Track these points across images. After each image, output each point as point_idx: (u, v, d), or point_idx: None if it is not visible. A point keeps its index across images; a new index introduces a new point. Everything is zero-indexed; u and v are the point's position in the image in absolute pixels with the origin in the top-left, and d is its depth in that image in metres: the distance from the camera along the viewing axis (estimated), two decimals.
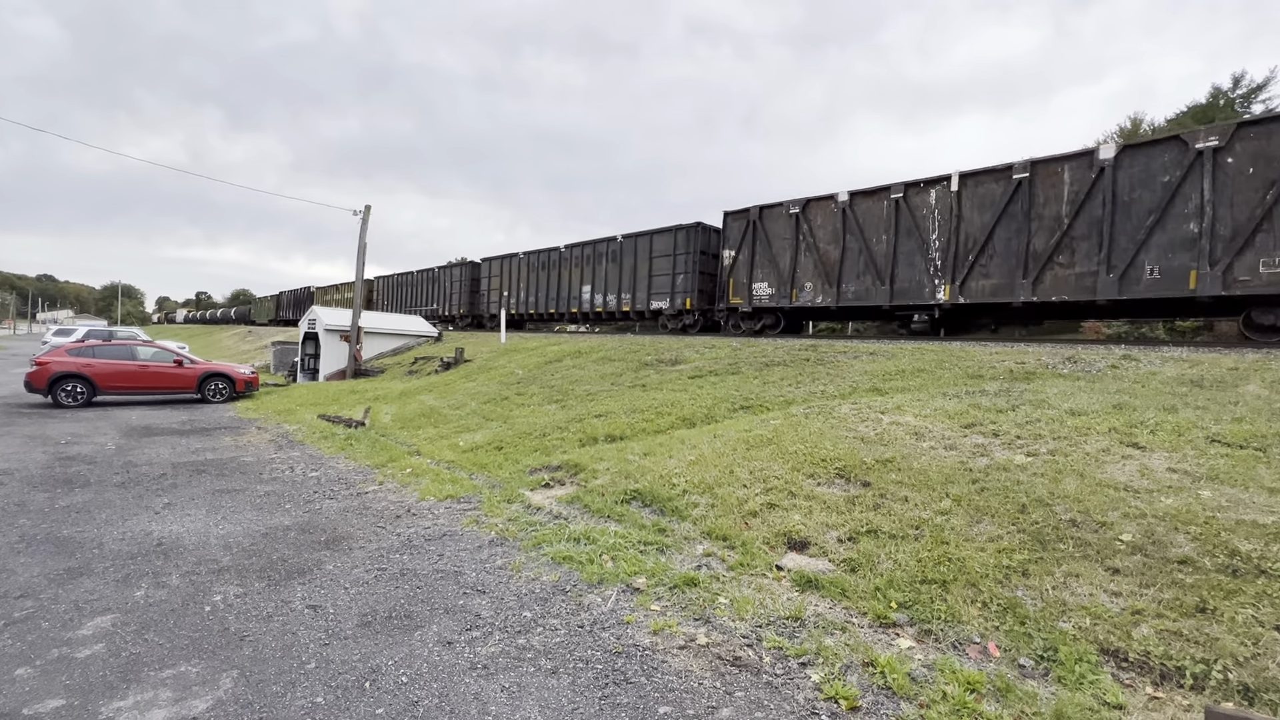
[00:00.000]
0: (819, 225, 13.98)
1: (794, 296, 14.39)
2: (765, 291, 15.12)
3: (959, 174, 11.68)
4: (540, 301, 23.61)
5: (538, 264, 23.87)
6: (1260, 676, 2.68)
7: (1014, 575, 3.59)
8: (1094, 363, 8.24)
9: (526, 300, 24.41)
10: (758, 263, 15.26)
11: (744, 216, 15.57)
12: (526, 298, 24.45)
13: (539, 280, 23.69)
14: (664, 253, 18.47)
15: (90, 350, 14.24)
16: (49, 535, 5.14)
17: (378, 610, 3.82)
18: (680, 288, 17.95)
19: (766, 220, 15.06)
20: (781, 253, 14.70)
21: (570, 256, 22.19)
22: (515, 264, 25.18)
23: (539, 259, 23.83)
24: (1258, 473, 4.20)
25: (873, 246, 13.00)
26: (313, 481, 7.19)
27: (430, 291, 32.23)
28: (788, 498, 4.98)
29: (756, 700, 2.87)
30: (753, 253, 15.31)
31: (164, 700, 2.89)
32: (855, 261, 13.32)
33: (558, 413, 9.72)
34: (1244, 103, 22.64)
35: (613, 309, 20.37)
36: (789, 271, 14.49)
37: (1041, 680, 2.91)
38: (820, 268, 13.89)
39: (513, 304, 25.11)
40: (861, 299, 13.22)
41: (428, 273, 32.97)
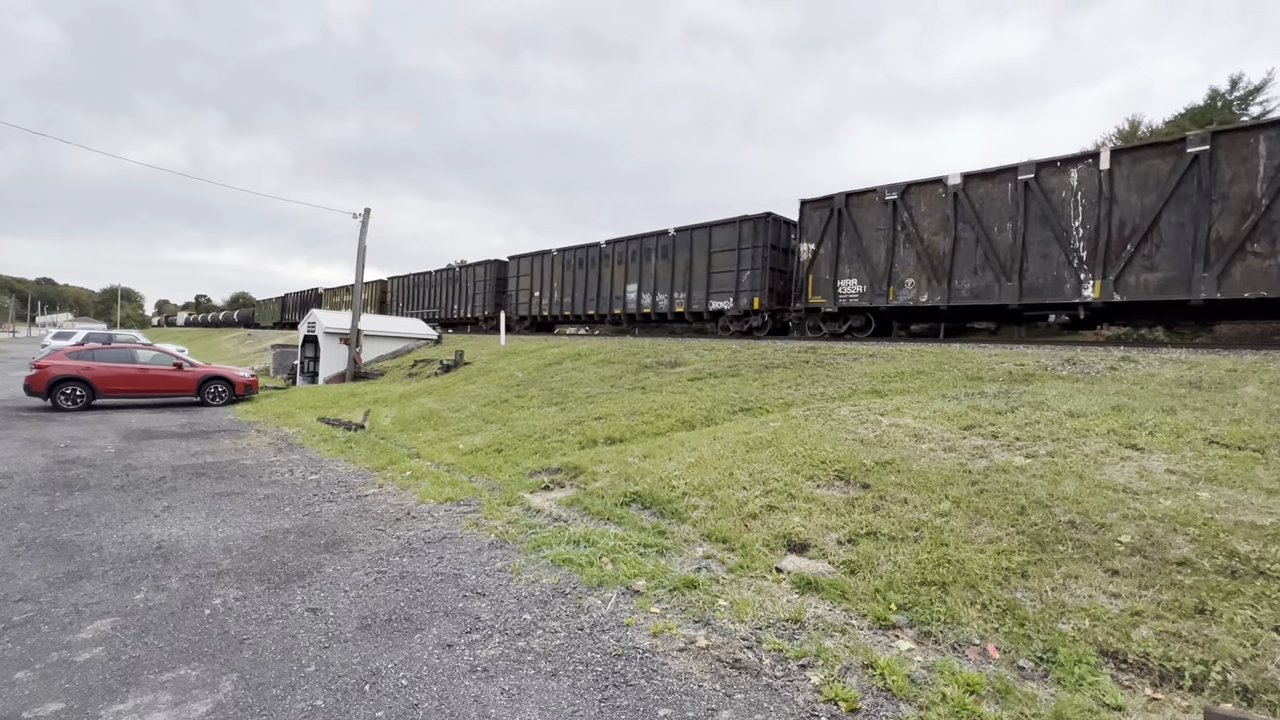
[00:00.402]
0: (922, 213, 12.29)
1: (890, 294, 12.68)
2: (853, 289, 13.35)
3: (1111, 150, 10.31)
4: (577, 302, 21.82)
5: (574, 261, 22.05)
6: (1259, 677, 2.69)
7: (1013, 577, 3.59)
8: (1093, 364, 8.26)
9: (561, 301, 22.57)
10: (844, 257, 13.48)
11: (827, 205, 13.86)
12: (561, 298, 22.59)
13: (575, 279, 21.91)
14: (726, 247, 16.55)
15: (89, 353, 14.25)
16: (48, 539, 5.14)
17: (377, 613, 3.82)
18: (746, 286, 16.03)
19: (855, 208, 13.34)
20: (874, 245, 12.95)
21: (613, 253, 20.37)
22: (548, 262, 23.38)
23: (575, 256, 22.02)
24: (1256, 474, 4.20)
25: (994, 236, 11.27)
26: (312, 484, 7.19)
27: (450, 292, 30.42)
28: (787, 500, 4.99)
29: (756, 702, 2.87)
30: (837, 246, 13.54)
31: (164, 704, 2.88)
32: (970, 254, 11.58)
33: (557, 415, 9.72)
34: (1241, 105, 22.71)
35: (663, 310, 18.52)
36: (884, 267, 12.79)
37: (1041, 682, 2.91)
38: (924, 262, 12.17)
39: (545, 305, 23.44)
40: (980, 297, 11.51)
41: (448, 272, 31.11)
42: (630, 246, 19.82)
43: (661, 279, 18.60)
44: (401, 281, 36.01)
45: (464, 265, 29.85)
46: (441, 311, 30.88)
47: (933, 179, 12.28)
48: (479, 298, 28.16)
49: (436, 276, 32.09)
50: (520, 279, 25.06)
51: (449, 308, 30.52)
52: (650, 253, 19.04)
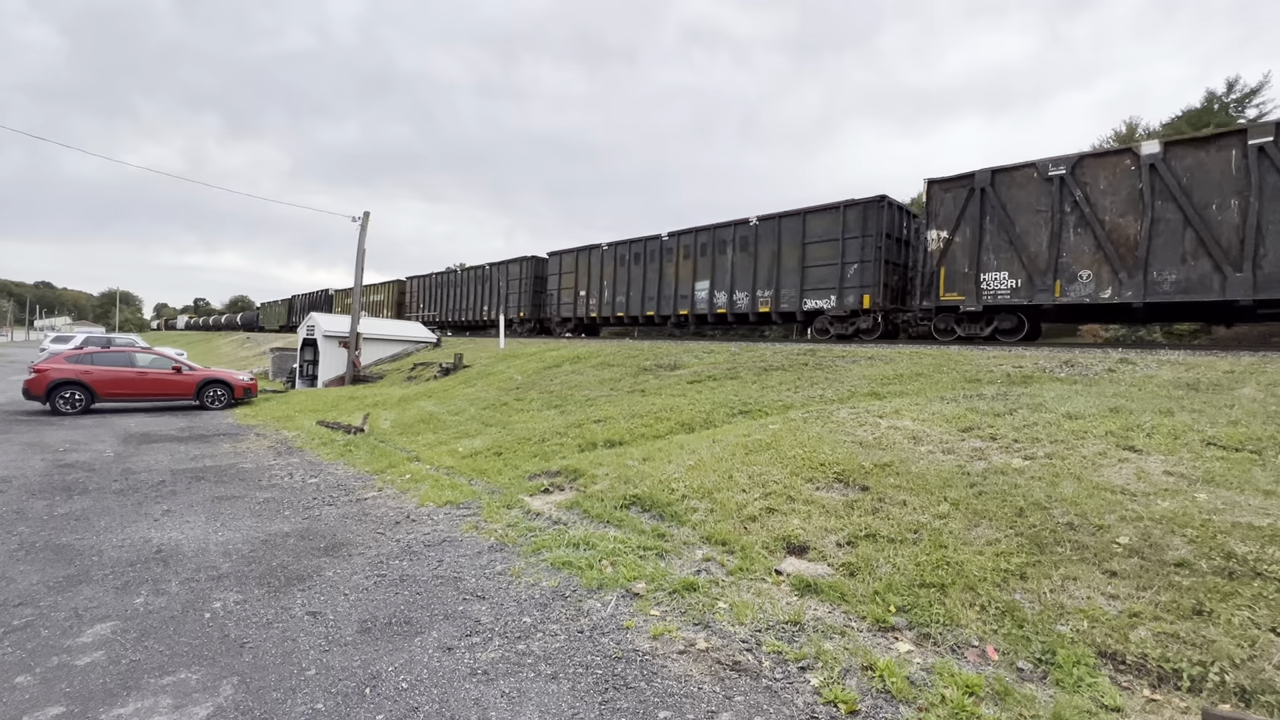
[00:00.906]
0: (1102, 190, 10.38)
1: (1057, 289, 10.76)
2: (1002, 284, 11.44)
3: None
4: (632, 302, 19.63)
5: (629, 257, 19.87)
6: (1257, 678, 2.70)
7: (1012, 578, 3.60)
8: (1091, 366, 8.28)
9: (612, 301, 20.35)
10: (989, 245, 11.59)
11: (964, 185, 11.92)
12: (612, 298, 20.35)
13: (631, 277, 19.67)
14: (825, 236, 14.47)
15: (88, 357, 14.24)
16: (48, 543, 5.14)
17: (377, 616, 3.82)
18: (853, 281, 13.95)
19: (1003, 187, 11.46)
20: (1032, 231, 11.07)
21: (677, 246, 18.22)
22: (596, 258, 21.20)
23: (631, 251, 19.85)
24: (1253, 475, 4.22)
25: (1210, 216, 9.34)
26: (312, 488, 7.19)
27: (479, 293, 28.15)
28: (786, 502, 5.00)
29: (756, 704, 2.88)
30: (979, 232, 11.69)
31: (164, 707, 2.89)
32: (1175, 239, 9.63)
33: (557, 418, 9.73)
34: (1238, 107, 22.81)
35: (742, 310, 16.34)
36: (1046, 256, 10.88)
37: (1040, 683, 2.92)
38: (1108, 249, 10.21)
39: (593, 306, 21.24)
40: (1191, 291, 9.53)
41: (477, 271, 28.66)
42: (700, 239, 17.66)
43: (740, 275, 16.39)
44: (422, 282, 33.56)
45: (496, 264, 27.40)
46: (469, 313, 28.88)
47: (1118, 149, 10.77)
48: (513, 298, 25.97)
49: (463, 276, 29.93)
50: (562, 277, 22.80)
51: (477, 309, 28.37)
52: (726, 245, 16.79)
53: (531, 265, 25.25)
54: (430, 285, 32.75)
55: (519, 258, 25.99)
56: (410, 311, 34.26)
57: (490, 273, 27.59)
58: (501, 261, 27.18)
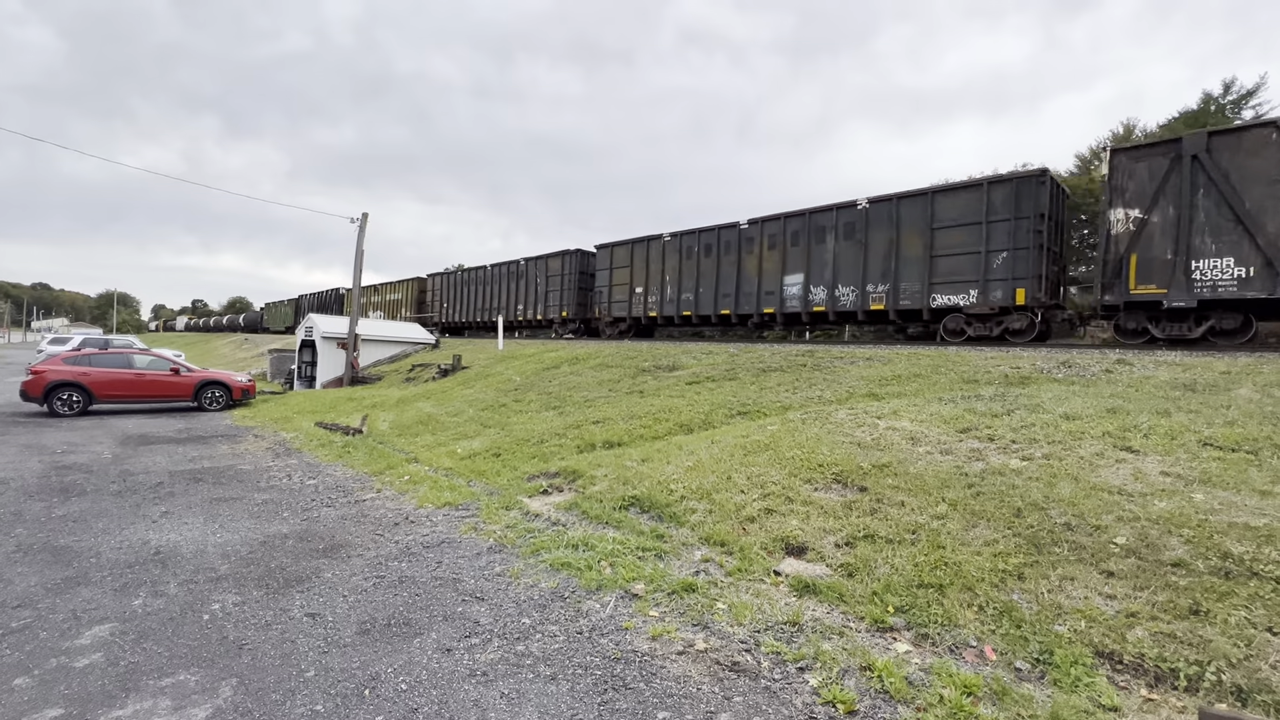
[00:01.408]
0: None
1: None
2: (1225, 274, 9.32)
3: None
4: (703, 300, 17.45)
5: (697, 248, 17.60)
6: (1253, 678, 2.71)
7: (1010, 579, 3.61)
8: (1088, 367, 8.31)
9: (676, 299, 18.13)
10: (1200, 227, 9.53)
11: (1164, 153, 9.96)
12: (676, 295, 18.10)
13: (700, 271, 17.47)
14: (961, 220, 12.24)
15: (86, 359, 14.22)
16: (46, 544, 5.13)
17: (376, 618, 3.82)
18: (1001, 272, 11.73)
19: (1223, 154, 9.42)
20: (1269, 207, 9.00)
21: (760, 235, 15.91)
22: (656, 251, 18.83)
23: (700, 242, 17.55)
24: (1249, 475, 4.24)
25: None
26: (310, 489, 7.18)
27: (513, 290, 25.70)
28: (785, 503, 5.00)
29: (755, 705, 2.88)
30: (1190, 210, 9.58)
31: (163, 709, 2.89)
32: None
33: (555, 419, 9.73)
34: (1235, 108, 22.89)
35: (847, 307, 14.18)
36: None
37: (1037, 683, 2.93)
38: None
39: (652, 304, 18.93)
40: None
41: (511, 266, 26.12)
42: (790, 226, 15.26)
43: (845, 267, 14.18)
44: (447, 280, 30.96)
45: (533, 258, 24.90)
46: (502, 313, 26.42)
47: None
48: (554, 296, 23.47)
49: (494, 272, 27.17)
50: (614, 272, 20.40)
51: (510, 309, 25.98)
52: (825, 232, 14.53)
53: (576, 260, 22.75)
54: (455, 283, 30.12)
55: (561, 251, 23.44)
56: (432, 311, 31.82)
57: (526, 269, 25.10)
58: (540, 256, 24.56)
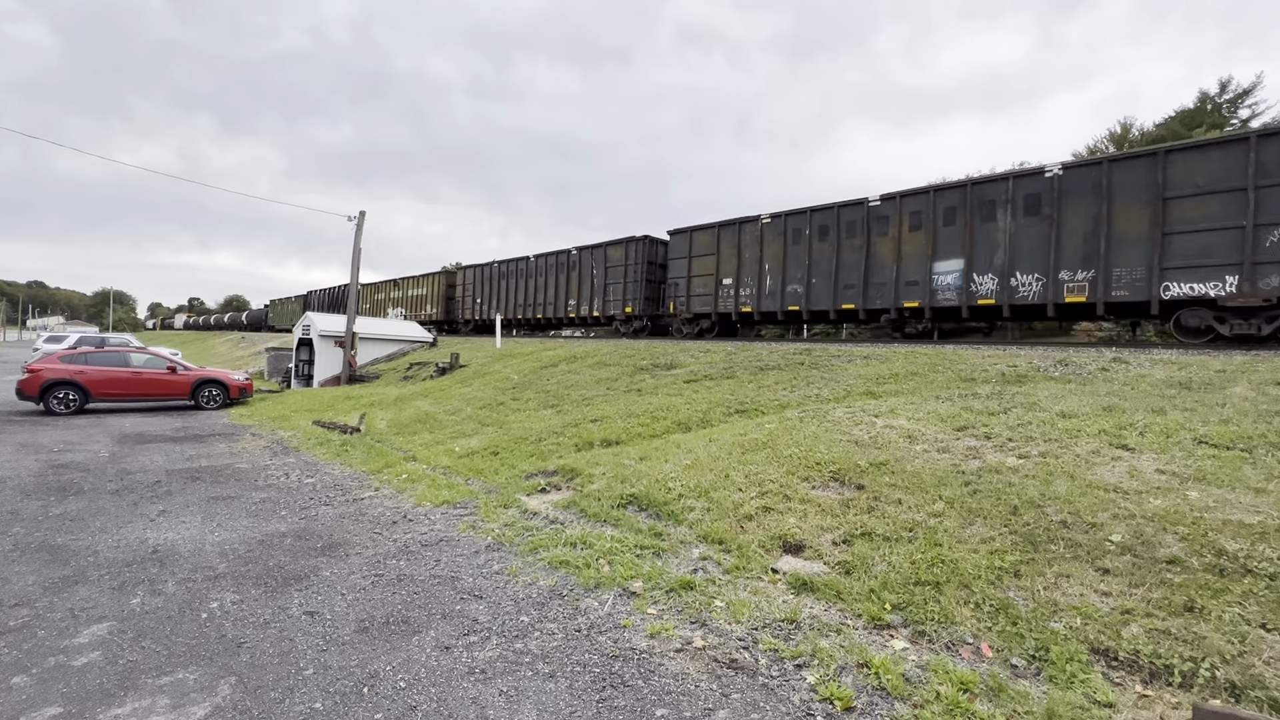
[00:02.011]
0: None
1: None
2: None
3: None
4: (817, 292, 14.48)
5: (809, 231, 14.60)
6: (1247, 674, 2.73)
7: (1006, 576, 3.63)
8: (1085, 365, 8.34)
9: (780, 291, 15.20)
10: None
11: None
12: (780, 287, 15.22)
13: (812, 257, 14.57)
14: (1212, 186, 9.58)
15: (82, 357, 14.18)
16: (43, 543, 5.12)
17: (375, 616, 3.83)
18: (1274, 253, 9.07)
19: None
20: None
21: (898, 213, 13.13)
22: (752, 235, 15.90)
23: (813, 223, 14.54)
24: (1244, 473, 4.26)
25: None
26: (308, 488, 7.18)
27: (563, 284, 22.42)
28: (783, 501, 5.02)
29: (753, 702, 2.90)
30: None
31: (161, 707, 2.89)
32: None
33: (553, 418, 9.73)
34: (1231, 107, 22.95)
35: (1029, 299, 11.51)
36: None
37: (1033, 680, 2.94)
38: None
39: (745, 297, 16.04)
40: None
41: (560, 257, 22.64)
42: (941, 201, 12.60)
43: (1024, 250, 11.60)
44: (481, 272, 27.26)
45: (588, 247, 21.57)
46: (545, 309, 23.24)
47: None
48: (615, 289, 20.25)
49: (538, 264, 23.76)
50: (694, 261, 17.60)
51: (559, 304, 22.63)
52: (994, 208, 11.96)
53: (643, 248, 19.59)
54: (491, 276, 26.48)
55: (625, 239, 20.16)
56: (463, 308, 28.43)
57: (579, 259, 21.72)
58: (597, 244, 21.16)
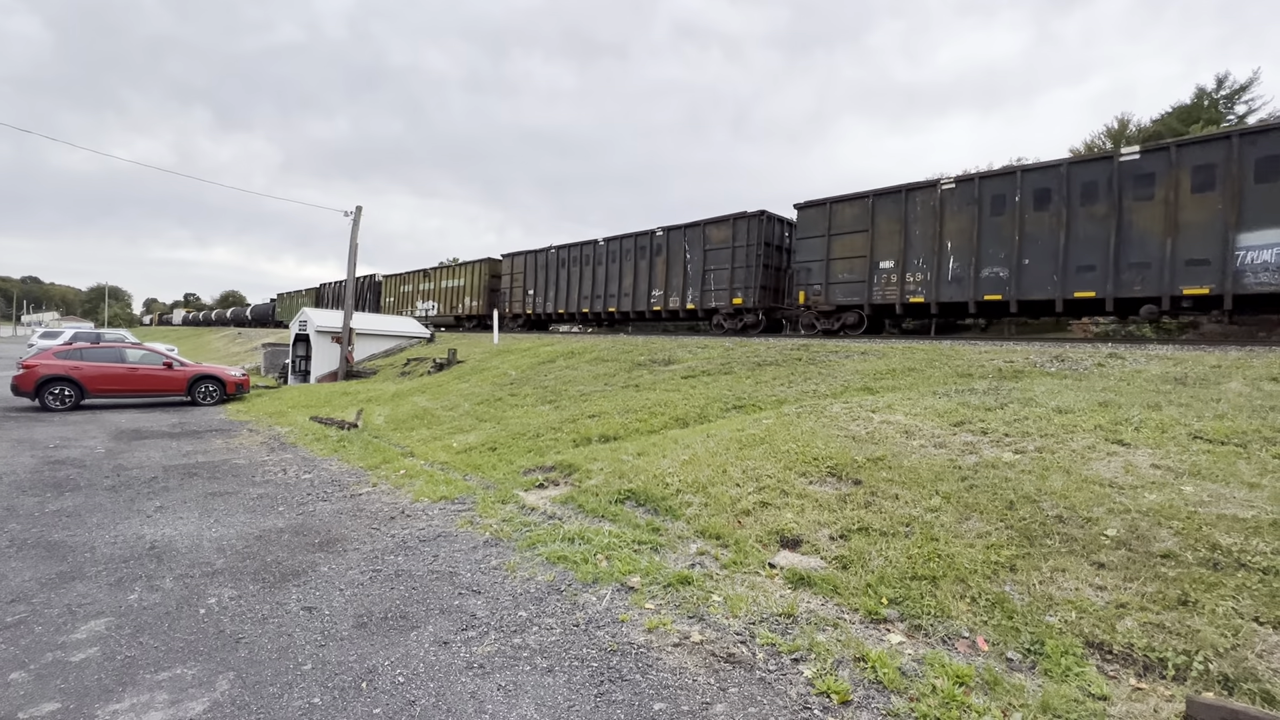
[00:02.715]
0: None
1: None
2: None
3: None
4: (1031, 276, 11.22)
5: (1015, 199, 11.39)
6: (1240, 667, 2.75)
7: (1002, 571, 3.65)
8: (1081, 361, 8.36)
9: (973, 276, 11.88)
10: None
11: None
12: (972, 270, 11.87)
13: (1021, 232, 11.29)
14: None
15: (78, 353, 14.11)
16: (39, 539, 5.11)
17: (373, 611, 3.83)
18: None
19: None
20: None
21: (1169, 171, 9.70)
22: (925, 206, 12.59)
23: (1023, 187, 11.34)
24: (1238, 468, 4.29)
25: None
26: (306, 484, 7.17)
27: (645, 271, 18.94)
28: (780, 496, 5.03)
29: (750, 696, 2.91)
30: None
31: (160, 703, 2.89)
32: None
33: (551, 413, 9.73)
34: (1228, 103, 22.98)
35: None
36: None
37: (1029, 673, 2.97)
38: None
39: (916, 285, 12.70)
40: None
41: (639, 240, 19.18)
42: (1248, 151, 9.07)
43: None
44: (534, 260, 23.41)
45: (679, 227, 17.94)
46: (623, 301, 19.75)
47: None
48: (718, 277, 16.81)
49: (610, 249, 20.05)
50: (835, 241, 13.96)
51: (638, 295, 19.23)
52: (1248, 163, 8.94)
53: (757, 227, 15.97)
54: (547, 264, 22.59)
55: (732, 216, 16.61)
56: (509, 300, 24.90)
57: (665, 241, 18.12)
58: (693, 223, 17.58)
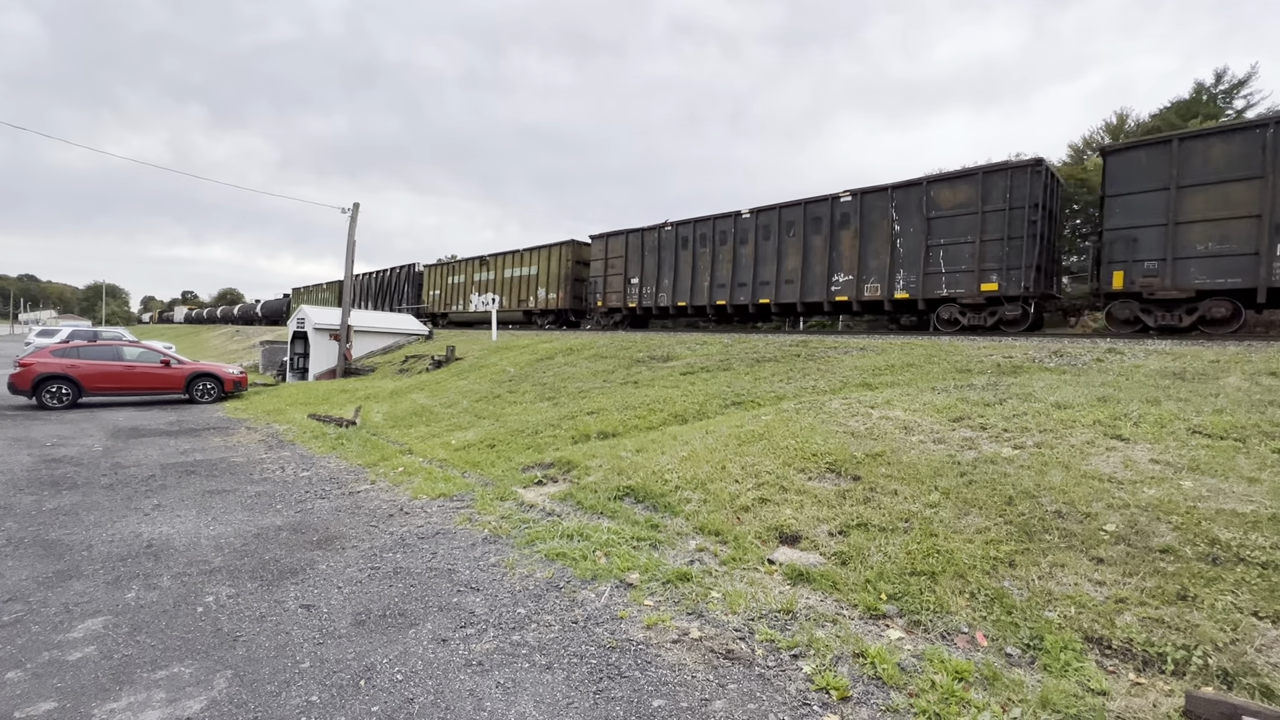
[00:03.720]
0: None
1: None
2: None
3: None
4: None
5: None
6: (1239, 661, 2.75)
7: (1001, 566, 3.65)
8: (1080, 356, 8.36)
9: None
10: None
11: None
12: None
13: None
14: None
15: (75, 351, 14.06)
16: (36, 538, 5.09)
17: (372, 609, 3.82)
18: None
19: None
20: None
21: None
22: None
23: None
24: (1237, 463, 4.28)
25: None
26: (304, 481, 7.16)
27: (817, 250, 14.63)
28: (779, 492, 5.03)
29: (749, 692, 2.91)
30: None
31: (157, 701, 2.88)
32: None
33: (550, 410, 9.72)
34: (1226, 98, 22.94)
35: None
36: None
37: (1028, 668, 2.96)
38: None
39: None
40: None
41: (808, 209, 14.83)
42: None
43: None
44: (644, 240, 18.97)
45: (879, 189, 13.92)
46: (783, 291, 15.34)
47: None
48: (949, 254, 12.90)
49: (758, 223, 15.66)
50: (1184, 197, 10.12)
51: (808, 283, 14.83)
52: None
53: (1029, 182, 12.05)
54: (660, 245, 18.30)
55: (981, 168, 13.01)
56: (604, 291, 20.31)
57: (858, 207, 13.90)
58: (909, 182, 13.49)
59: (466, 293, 27.84)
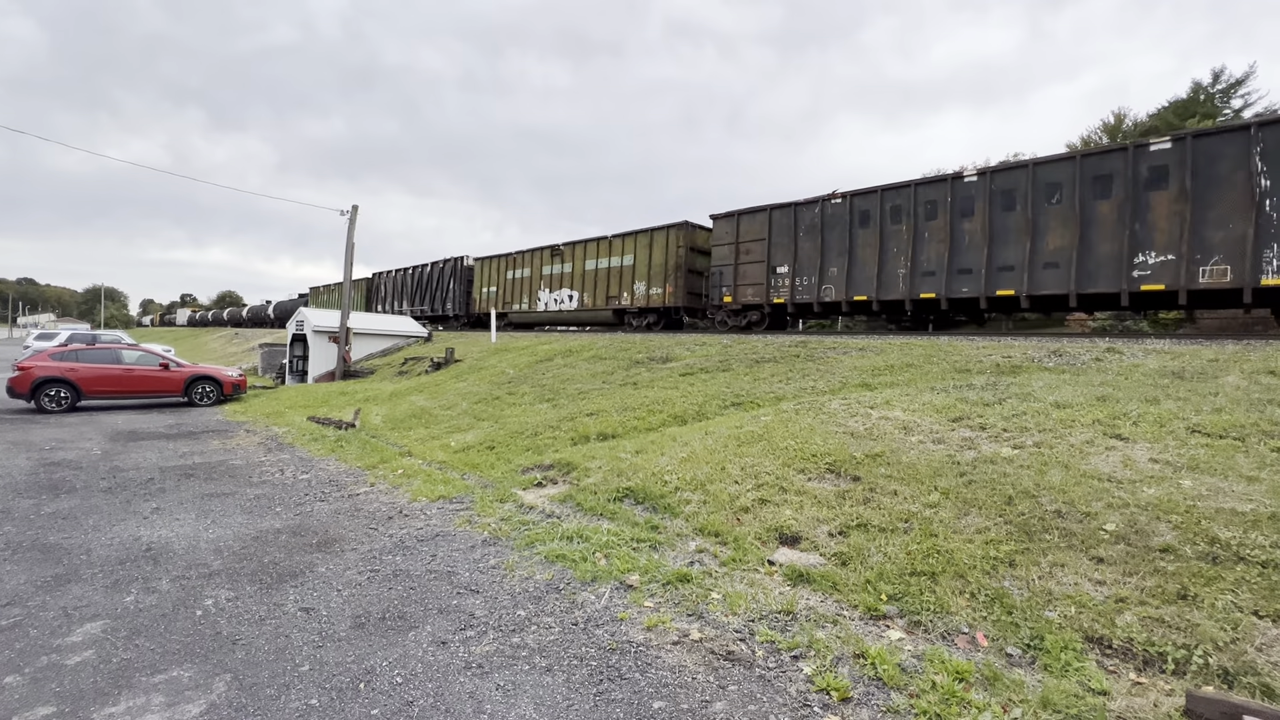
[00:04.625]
0: None
1: None
2: None
3: None
4: None
5: None
6: (1239, 661, 2.75)
7: (1001, 566, 3.65)
8: (1079, 356, 8.36)
9: None
10: None
11: None
12: None
13: None
14: None
15: (74, 354, 14.05)
16: (35, 542, 5.08)
17: (371, 611, 3.82)
18: None
19: None
20: None
21: None
22: None
23: None
24: (1237, 462, 4.28)
25: None
26: (303, 484, 7.15)
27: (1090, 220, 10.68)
28: (779, 493, 5.02)
29: (749, 693, 2.90)
30: None
31: (156, 705, 2.87)
32: None
33: (549, 412, 9.71)
34: (1224, 98, 23.00)
35: None
36: None
37: (1028, 668, 2.96)
38: None
39: None
40: None
41: (1082, 164, 10.86)
42: None
43: None
44: (796, 217, 14.98)
45: (1213, 132, 10.11)
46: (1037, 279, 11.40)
47: None
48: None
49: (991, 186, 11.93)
50: None
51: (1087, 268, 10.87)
52: None
53: None
54: (822, 223, 14.50)
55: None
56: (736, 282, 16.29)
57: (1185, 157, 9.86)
58: (1269, 119, 9.47)
59: (534, 289, 23.56)
